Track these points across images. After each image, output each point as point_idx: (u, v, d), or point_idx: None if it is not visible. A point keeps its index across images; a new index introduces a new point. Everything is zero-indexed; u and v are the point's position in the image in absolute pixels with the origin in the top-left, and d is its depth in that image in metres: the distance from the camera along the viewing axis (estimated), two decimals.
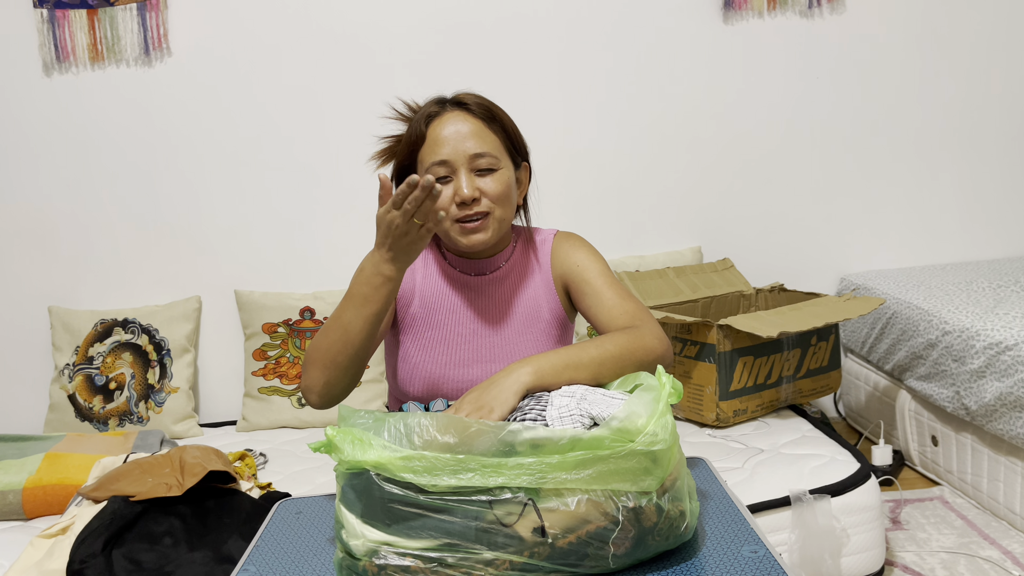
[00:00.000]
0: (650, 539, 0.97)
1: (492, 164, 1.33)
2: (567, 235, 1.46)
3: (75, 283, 2.78)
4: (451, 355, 1.38)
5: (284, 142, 2.75)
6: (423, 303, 1.41)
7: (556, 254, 1.43)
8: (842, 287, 2.91)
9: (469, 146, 1.31)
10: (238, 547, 1.63)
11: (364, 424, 0.98)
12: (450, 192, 1.32)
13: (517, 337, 1.39)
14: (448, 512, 0.91)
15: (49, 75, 2.68)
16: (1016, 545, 2.06)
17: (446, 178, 1.32)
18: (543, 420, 1.06)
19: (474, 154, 1.31)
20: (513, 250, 1.44)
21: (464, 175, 1.31)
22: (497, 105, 1.38)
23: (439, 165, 1.32)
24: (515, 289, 1.41)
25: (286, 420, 2.62)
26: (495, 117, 1.36)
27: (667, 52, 2.79)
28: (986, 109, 2.91)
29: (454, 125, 1.33)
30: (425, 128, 1.34)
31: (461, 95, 1.37)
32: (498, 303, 1.40)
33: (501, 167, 1.34)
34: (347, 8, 2.70)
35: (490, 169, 1.33)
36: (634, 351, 1.24)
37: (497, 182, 1.33)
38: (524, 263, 1.43)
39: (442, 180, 1.32)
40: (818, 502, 1.79)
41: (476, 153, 1.31)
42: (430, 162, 1.32)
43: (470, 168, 1.32)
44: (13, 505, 2.02)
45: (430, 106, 1.36)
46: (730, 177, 2.87)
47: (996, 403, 2.11)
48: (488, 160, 1.32)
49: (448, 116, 1.34)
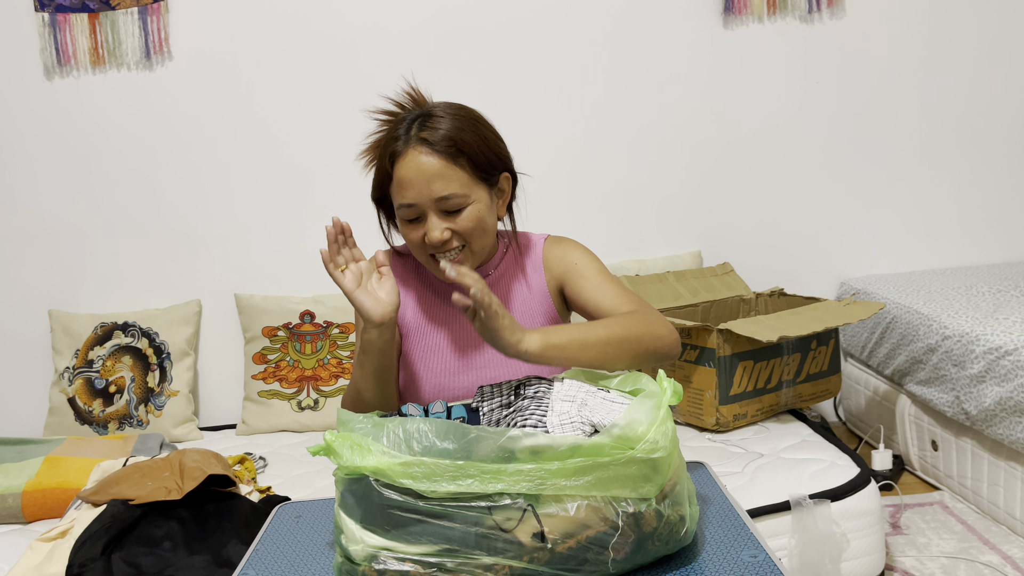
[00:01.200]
0: (650, 544, 0.97)
1: (460, 203, 1.29)
2: (559, 238, 1.46)
3: (75, 286, 2.78)
4: (446, 363, 1.38)
5: (284, 146, 2.75)
6: (416, 313, 1.41)
7: (549, 257, 1.43)
8: (842, 291, 2.91)
9: (435, 188, 1.27)
10: (237, 551, 1.63)
11: (363, 429, 0.98)
12: (421, 233, 1.31)
13: None
14: (447, 518, 0.91)
15: (50, 79, 2.68)
16: (1016, 550, 2.06)
17: (416, 219, 1.31)
18: (543, 427, 1.06)
19: (439, 197, 1.28)
20: (503, 257, 1.43)
21: (432, 218, 1.29)
22: (465, 125, 1.30)
23: (406, 208, 1.30)
24: (507, 294, 1.41)
25: (286, 424, 2.61)
26: (461, 150, 1.29)
27: (667, 57, 2.79)
28: (986, 113, 2.91)
29: (416, 166, 1.27)
30: (390, 168, 1.31)
31: (427, 125, 1.29)
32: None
33: (471, 202, 1.30)
34: (347, 13, 2.70)
35: (458, 209, 1.29)
36: (642, 336, 1.23)
37: (468, 219, 1.30)
38: (514, 268, 1.43)
39: (413, 223, 1.31)
40: (818, 507, 1.79)
41: (442, 196, 1.28)
42: (398, 203, 1.31)
43: (438, 210, 1.29)
44: (12, 508, 2.02)
45: (392, 142, 1.31)
46: (730, 182, 2.87)
47: (996, 408, 2.11)
48: (455, 200, 1.28)
49: (411, 155, 1.28)
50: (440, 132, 1.28)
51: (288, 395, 2.62)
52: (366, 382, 1.33)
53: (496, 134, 1.37)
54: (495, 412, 1.15)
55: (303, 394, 2.62)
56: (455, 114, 1.31)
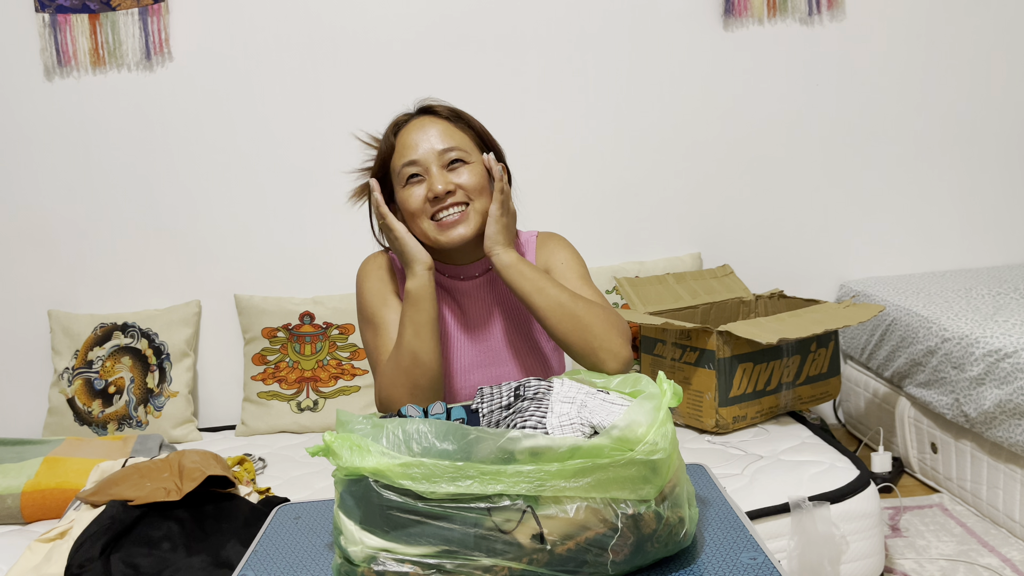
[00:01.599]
0: (649, 546, 0.96)
1: (462, 156, 1.33)
2: (549, 235, 1.47)
3: (75, 287, 2.78)
4: (446, 363, 1.38)
5: (284, 147, 2.75)
6: None
7: (540, 252, 1.44)
8: (842, 294, 2.91)
9: (437, 143, 1.32)
10: (236, 552, 1.63)
11: (362, 430, 0.98)
12: (423, 191, 1.32)
13: (507, 340, 1.40)
14: (447, 519, 0.91)
15: (51, 79, 2.68)
16: (1015, 553, 2.05)
17: (417, 177, 1.32)
18: (543, 428, 1.06)
19: (443, 149, 1.32)
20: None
21: (436, 171, 1.31)
22: (465, 112, 1.40)
23: (409, 166, 1.32)
24: (501, 293, 1.42)
25: (285, 425, 2.61)
26: (461, 117, 1.38)
27: (667, 58, 2.79)
28: (985, 116, 2.92)
29: (421, 127, 1.34)
30: (394, 138, 1.35)
31: (426, 102, 1.39)
32: (489, 307, 1.41)
33: (472, 160, 1.34)
34: (348, 15, 2.70)
35: (461, 161, 1.33)
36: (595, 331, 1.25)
37: (471, 173, 1.33)
38: None
39: (414, 179, 1.32)
40: (817, 509, 1.79)
41: (445, 148, 1.32)
42: (401, 165, 1.33)
43: (441, 164, 1.32)
44: (11, 509, 2.02)
45: (396, 118, 1.39)
46: (730, 183, 2.88)
47: (995, 410, 2.11)
48: (457, 153, 1.33)
49: (414, 122, 1.36)
50: (444, 106, 1.38)
51: (287, 396, 2.62)
52: (423, 338, 1.27)
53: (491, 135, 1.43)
54: (495, 413, 1.15)
55: (302, 395, 2.62)
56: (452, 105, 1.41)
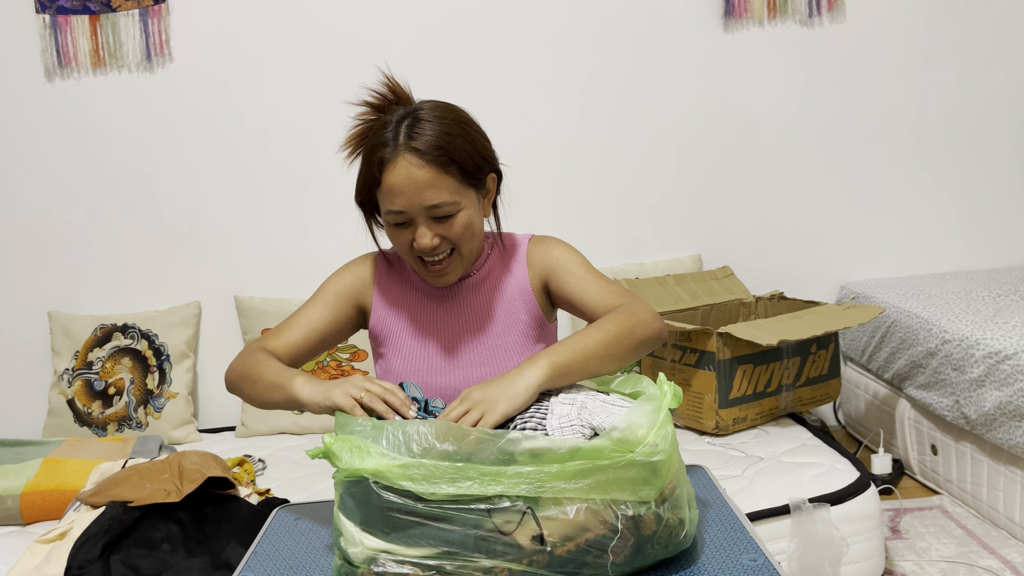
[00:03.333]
0: (649, 547, 0.96)
1: (449, 210, 1.29)
2: (543, 237, 1.47)
3: (75, 288, 2.78)
4: (432, 363, 1.38)
5: (285, 149, 2.75)
6: (401, 315, 1.42)
7: (532, 254, 1.44)
8: (842, 295, 2.91)
9: (425, 197, 1.27)
10: (236, 553, 1.62)
11: (362, 432, 0.98)
12: (409, 238, 1.31)
13: (497, 341, 1.40)
14: (447, 520, 0.91)
15: (51, 81, 2.68)
16: (1016, 555, 2.05)
17: (405, 224, 1.30)
18: (543, 429, 1.05)
19: (430, 206, 1.27)
20: (488, 256, 1.44)
21: (422, 225, 1.29)
22: (453, 130, 1.29)
23: (395, 215, 1.29)
24: (492, 293, 1.42)
25: (285, 426, 2.61)
26: (451, 159, 1.28)
27: (668, 60, 2.79)
28: (985, 118, 2.92)
29: (407, 174, 1.26)
30: (379, 174, 1.29)
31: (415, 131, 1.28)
32: (475, 309, 1.41)
33: (461, 208, 1.30)
34: (347, 17, 2.70)
35: (447, 215, 1.29)
36: (634, 328, 1.25)
37: (457, 225, 1.30)
38: (499, 267, 1.44)
39: (401, 226, 1.30)
40: (817, 511, 1.78)
41: (432, 205, 1.27)
42: (386, 209, 1.30)
43: (428, 217, 1.29)
44: (11, 510, 2.01)
45: (380, 147, 1.29)
46: (730, 185, 2.88)
47: (996, 412, 2.10)
48: (445, 208, 1.28)
49: (400, 164, 1.26)
50: (429, 139, 1.26)
51: None
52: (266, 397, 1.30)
53: (483, 134, 1.35)
54: None
55: None
56: (442, 117, 1.30)
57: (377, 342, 1.45)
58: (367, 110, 1.36)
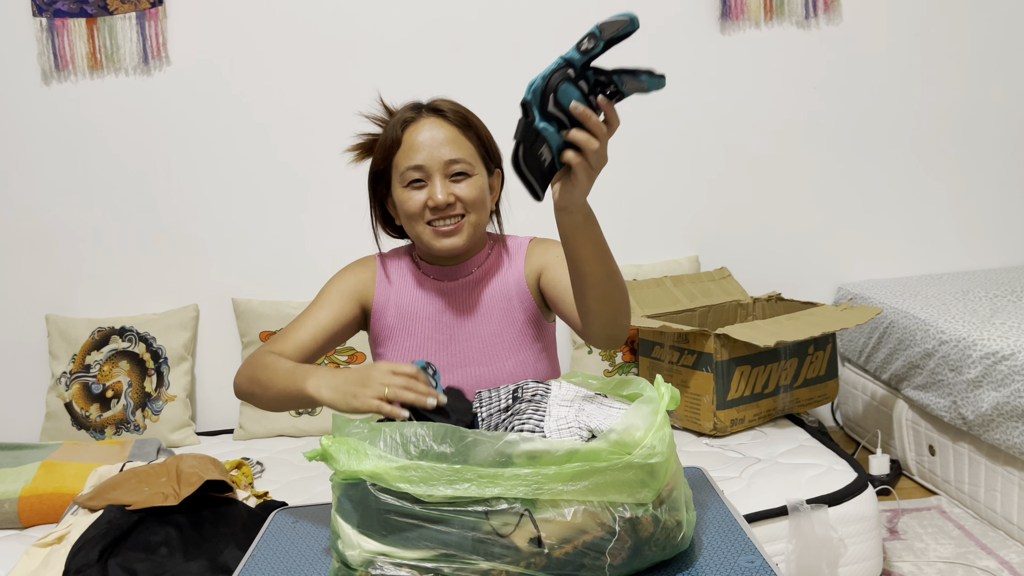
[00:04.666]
0: (647, 549, 0.96)
1: (466, 169, 1.35)
2: (543, 239, 1.48)
3: (72, 291, 2.78)
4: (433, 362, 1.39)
5: (282, 151, 2.75)
6: (399, 313, 1.43)
7: (532, 254, 1.45)
8: (839, 296, 2.91)
9: (444, 152, 1.33)
10: (234, 556, 1.62)
11: (360, 434, 0.98)
12: (423, 197, 1.34)
13: (494, 339, 1.40)
14: (444, 522, 0.91)
15: (48, 84, 2.68)
16: (1013, 555, 2.06)
17: (420, 182, 1.34)
18: (540, 431, 1.06)
19: (449, 160, 1.33)
20: (487, 256, 1.45)
21: (438, 180, 1.33)
22: (472, 112, 1.41)
23: (414, 170, 1.34)
24: (489, 292, 1.43)
25: (283, 429, 2.61)
26: (470, 124, 1.38)
27: (664, 61, 2.79)
28: (983, 119, 2.92)
29: (430, 131, 1.34)
30: (401, 133, 1.36)
31: (437, 101, 1.39)
32: (473, 307, 1.42)
33: (475, 173, 1.36)
34: (344, 19, 2.71)
35: (464, 174, 1.35)
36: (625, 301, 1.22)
37: (471, 187, 1.35)
38: (497, 267, 1.45)
39: (415, 183, 1.34)
40: (815, 512, 1.79)
41: (451, 159, 1.33)
42: (405, 167, 1.34)
43: (444, 174, 1.34)
44: (9, 514, 2.01)
45: (406, 111, 1.38)
46: (727, 186, 2.88)
47: (993, 413, 2.11)
48: (462, 166, 1.34)
49: (424, 122, 1.36)
50: (452, 107, 1.38)
51: None
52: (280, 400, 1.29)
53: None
54: (493, 416, 1.15)
55: None
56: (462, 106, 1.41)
57: (376, 342, 1.45)
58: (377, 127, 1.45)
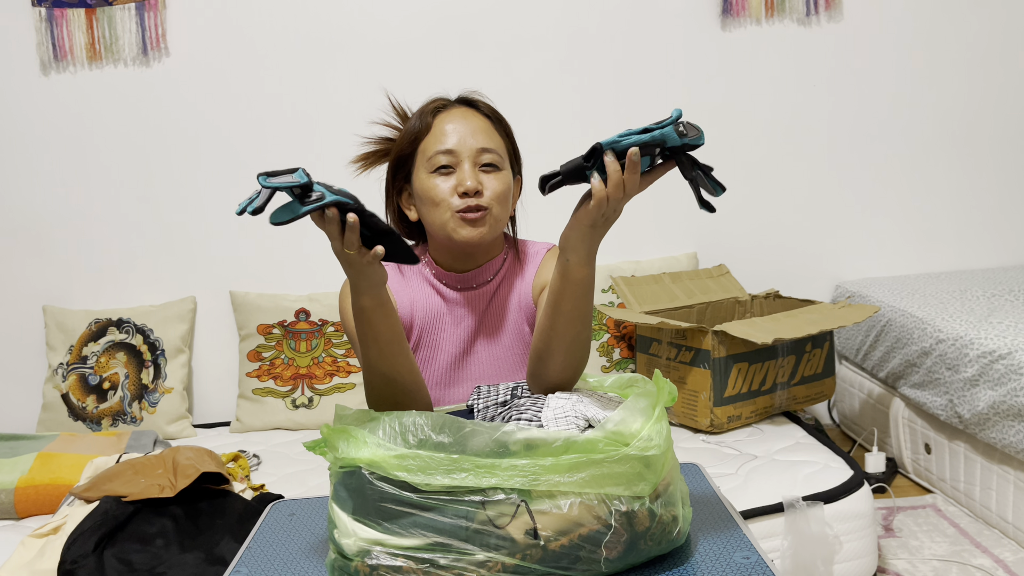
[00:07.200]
0: (642, 543, 0.97)
1: (496, 162, 1.33)
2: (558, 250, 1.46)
3: (70, 282, 2.78)
4: (443, 375, 1.37)
5: (280, 143, 2.75)
6: (418, 324, 1.40)
7: (544, 265, 1.42)
8: (837, 294, 2.92)
9: (477, 140, 1.32)
10: (230, 548, 1.62)
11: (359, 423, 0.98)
12: (452, 183, 1.31)
13: (506, 353, 1.39)
14: (440, 512, 0.91)
15: (47, 74, 2.68)
16: (1008, 554, 2.06)
17: (448, 168, 1.31)
18: (538, 421, 1.06)
19: (481, 148, 1.32)
20: (504, 262, 1.43)
21: (468, 167, 1.31)
22: (503, 115, 1.41)
23: (444, 154, 1.31)
24: (503, 302, 1.41)
25: (280, 421, 2.61)
26: (501, 121, 1.39)
27: (664, 58, 2.79)
28: (981, 118, 2.92)
29: (464, 118, 1.34)
30: (432, 119, 1.35)
31: (469, 94, 1.39)
32: (488, 318, 1.39)
33: (504, 168, 1.35)
34: (344, 13, 2.70)
35: (494, 166, 1.33)
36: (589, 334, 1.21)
37: (499, 180, 1.33)
38: (512, 275, 1.42)
39: (443, 169, 1.31)
40: (811, 509, 1.79)
41: (483, 147, 1.32)
42: (434, 150, 1.31)
43: (475, 162, 1.32)
44: (5, 504, 2.01)
45: (437, 100, 1.38)
46: (726, 183, 2.87)
47: (989, 412, 2.11)
48: (493, 156, 1.33)
49: (457, 110, 1.36)
50: (484, 103, 1.39)
51: (282, 393, 2.62)
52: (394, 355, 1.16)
53: None
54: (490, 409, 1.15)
55: (297, 392, 2.61)
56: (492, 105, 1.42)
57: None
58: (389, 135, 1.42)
